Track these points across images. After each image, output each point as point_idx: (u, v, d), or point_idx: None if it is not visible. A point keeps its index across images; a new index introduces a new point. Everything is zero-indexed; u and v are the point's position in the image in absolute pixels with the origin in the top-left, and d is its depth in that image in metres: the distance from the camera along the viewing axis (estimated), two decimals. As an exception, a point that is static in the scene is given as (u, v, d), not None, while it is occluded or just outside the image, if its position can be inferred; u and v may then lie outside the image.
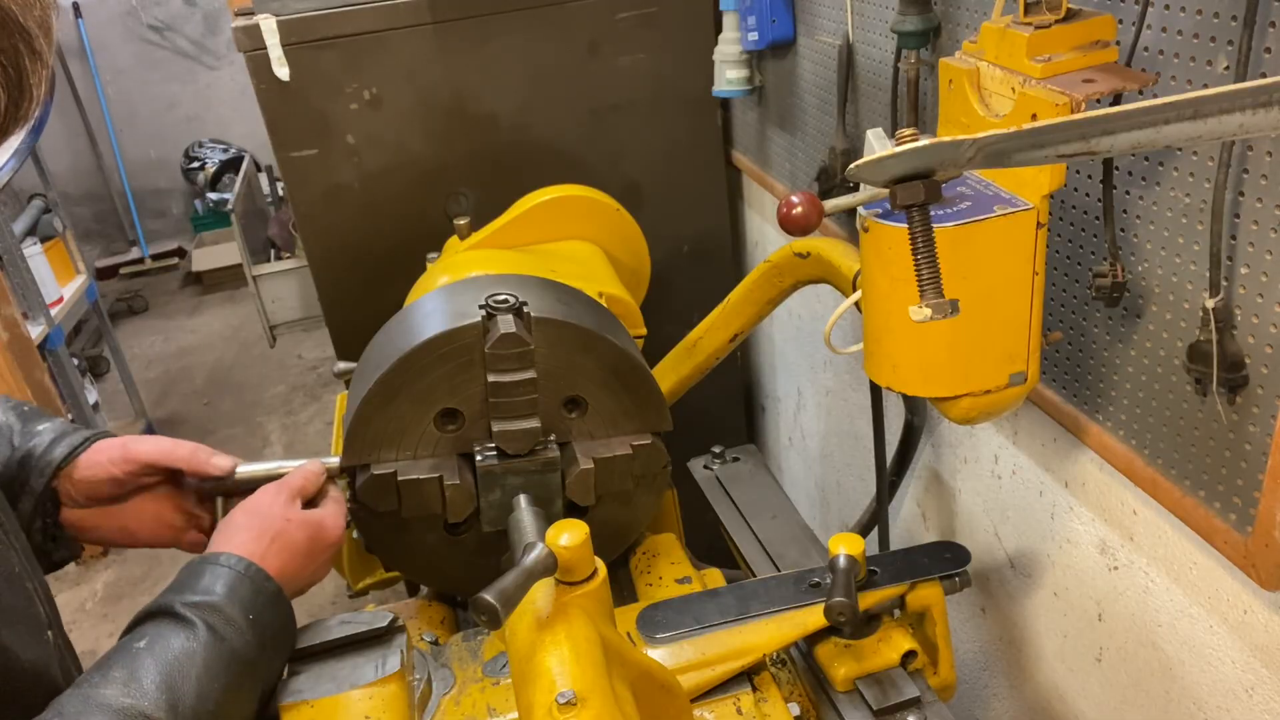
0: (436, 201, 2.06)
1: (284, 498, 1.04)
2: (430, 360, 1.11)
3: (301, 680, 1.02)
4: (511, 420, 1.13)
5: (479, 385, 1.13)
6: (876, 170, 0.79)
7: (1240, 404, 0.95)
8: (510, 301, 1.12)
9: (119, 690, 0.81)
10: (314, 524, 1.04)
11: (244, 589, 0.93)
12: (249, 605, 0.92)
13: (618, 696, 0.81)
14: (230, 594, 0.92)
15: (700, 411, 1.79)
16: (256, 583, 0.94)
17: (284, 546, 0.99)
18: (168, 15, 6.04)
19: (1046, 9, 0.96)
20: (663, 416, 1.22)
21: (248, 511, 1.02)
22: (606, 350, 1.16)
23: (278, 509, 1.03)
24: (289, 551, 1.00)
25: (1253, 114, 0.54)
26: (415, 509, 1.16)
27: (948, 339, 1.05)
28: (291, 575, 0.99)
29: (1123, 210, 1.05)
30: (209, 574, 0.93)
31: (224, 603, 0.91)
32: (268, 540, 0.98)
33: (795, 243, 1.38)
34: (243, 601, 0.92)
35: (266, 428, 4.34)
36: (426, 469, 1.15)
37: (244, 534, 0.99)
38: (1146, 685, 1.23)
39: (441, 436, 1.16)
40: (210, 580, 0.92)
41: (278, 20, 1.85)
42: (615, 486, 1.21)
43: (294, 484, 1.07)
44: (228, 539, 0.98)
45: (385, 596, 2.17)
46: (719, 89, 1.94)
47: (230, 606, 0.91)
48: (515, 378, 1.11)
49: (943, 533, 1.69)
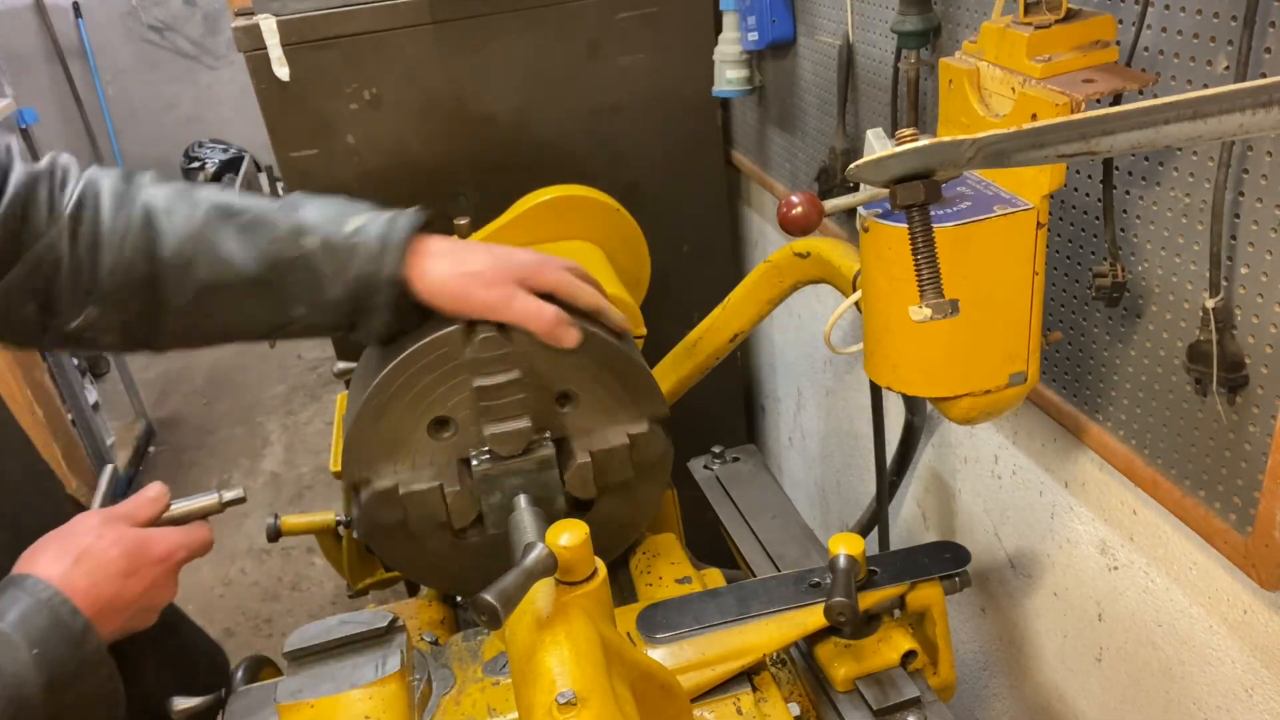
0: (436, 201, 2.06)
1: (98, 518, 0.95)
2: (415, 371, 1.11)
3: (301, 680, 1.02)
4: (502, 422, 1.13)
5: (467, 390, 1.13)
6: (876, 170, 0.79)
7: (1240, 404, 0.95)
8: None
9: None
10: (132, 539, 0.94)
11: (39, 619, 0.83)
12: (38, 638, 0.82)
13: (618, 696, 0.81)
14: (21, 622, 0.82)
15: (700, 411, 1.79)
16: (58, 614, 0.84)
17: (95, 566, 0.89)
18: (168, 15, 6.04)
19: (1046, 9, 0.96)
20: (658, 402, 1.21)
21: (55, 533, 0.93)
22: (589, 341, 1.16)
23: (89, 526, 0.93)
24: (101, 572, 0.89)
25: (1253, 114, 0.54)
26: (420, 519, 1.16)
27: (948, 339, 1.05)
28: (107, 598, 0.89)
29: (1123, 210, 1.05)
30: (6, 596, 0.84)
31: (10, 628, 0.82)
32: (71, 559, 0.88)
33: (795, 243, 1.38)
34: (31, 633, 0.82)
35: (266, 428, 4.34)
36: (426, 478, 1.15)
37: (46, 554, 0.89)
38: (1146, 685, 1.23)
39: (438, 445, 1.16)
40: (6, 603, 0.84)
41: (278, 20, 1.85)
42: (616, 477, 1.20)
43: (120, 509, 0.99)
44: (31, 560, 0.89)
45: (385, 596, 2.17)
46: (719, 89, 1.94)
47: (17, 634, 0.81)
48: (500, 380, 1.11)
49: (943, 533, 1.69)
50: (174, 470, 4.08)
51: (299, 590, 3.25)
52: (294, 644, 1.06)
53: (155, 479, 1.12)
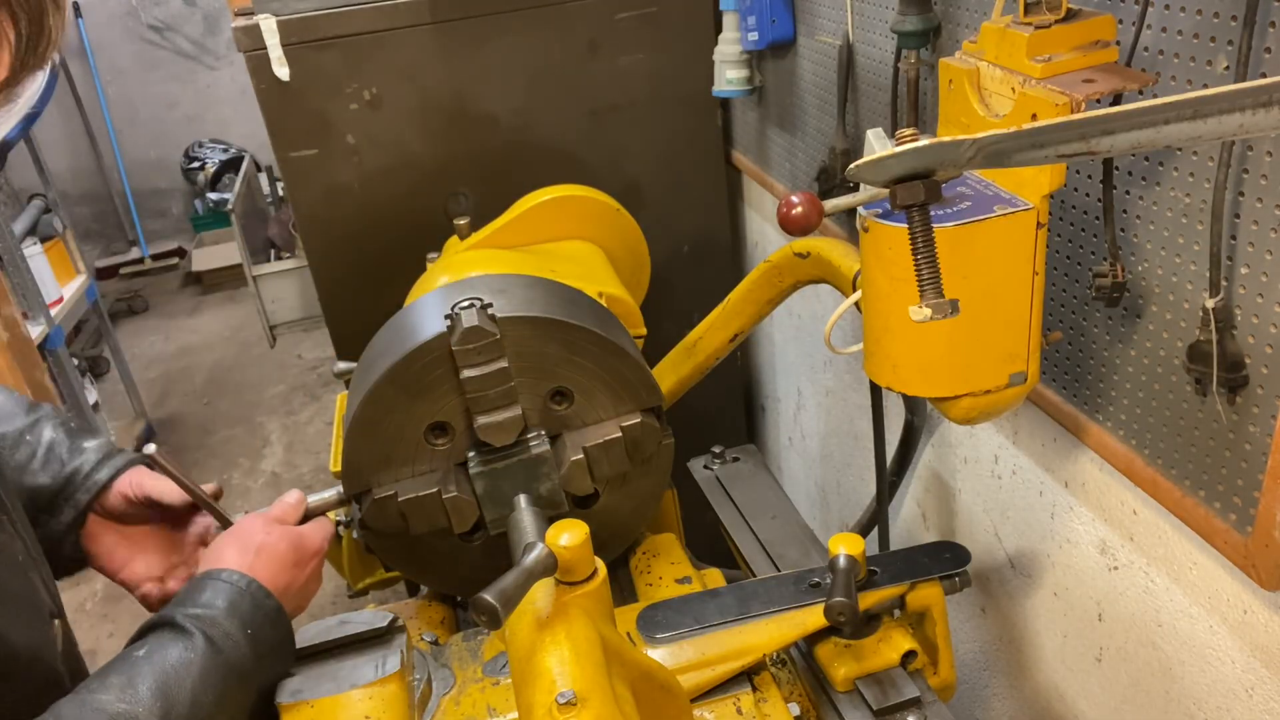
0: (436, 201, 2.06)
1: (261, 520, 1.09)
2: (407, 379, 1.12)
3: (301, 680, 1.02)
4: (492, 413, 1.13)
5: (460, 395, 1.13)
6: (876, 170, 0.79)
7: (1240, 404, 0.95)
8: (475, 305, 1.13)
9: (115, 695, 0.83)
10: (294, 534, 1.08)
11: (244, 604, 0.96)
12: (248, 620, 0.96)
13: (618, 696, 0.81)
14: (230, 608, 0.95)
15: (700, 411, 1.80)
16: (256, 599, 0.97)
17: (271, 558, 1.02)
18: (168, 15, 6.04)
19: (1046, 9, 0.96)
20: (652, 392, 1.21)
21: (229, 534, 1.06)
22: (581, 337, 1.15)
23: (257, 526, 1.07)
24: (276, 562, 1.03)
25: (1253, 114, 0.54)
26: (421, 525, 1.16)
27: (948, 339, 1.05)
28: (283, 585, 1.02)
29: (1123, 210, 1.05)
30: (210, 589, 0.96)
31: (223, 616, 0.94)
32: (252, 554, 1.02)
33: (795, 243, 1.38)
34: (242, 616, 0.95)
35: (266, 428, 4.34)
36: (425, 485, 1.15)
37: (230, 551, 1.02)
38: (1146, 685, 1.23)
39: (435, 451, 1.16)
40: (211, 595, 0.96)
41: (278, 20, 1.85)
42: (613, 470, 1.20)
43: (272, 514, 1.12)
44: (217, 558, 1.02)
45: (385, 596, 2.17)
46: (719, 89, 1.94)
47: (229, 620, 0.94)
48: (487, 370, 1.11)
49: (943, 533, 1.69)
50: (174, 470, 4.07)
51: (299, 590, 3.25)
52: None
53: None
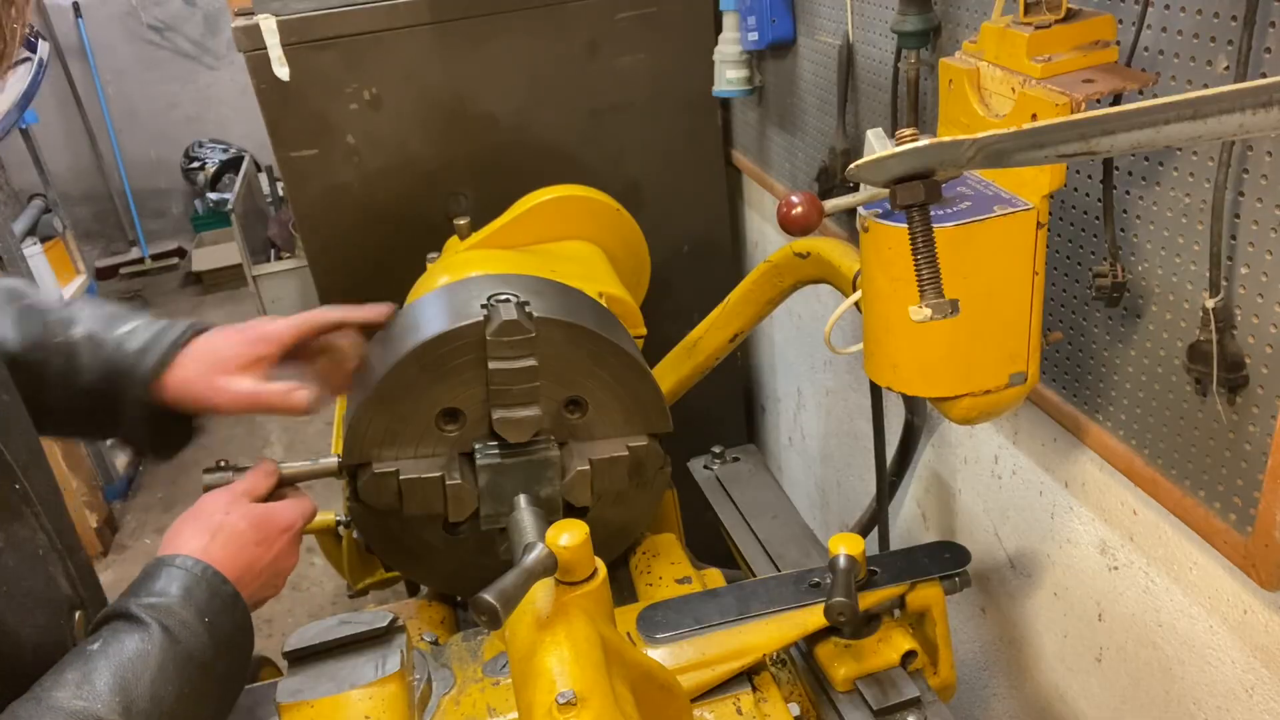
0: (436, 201, 2.06)
1: (225, 497, 1.04)
2: (432, 360, 1.12)
3: (301, 680, 1.02)
4: (513, 408, 1.13)
5: (480, 385, 1.13)
6: (876, 170, 0.79)
7: (1240, 404, 0.95)
8: (512, 300, 1.13)
9: (71, 693, 0.80)
10: (257, 512, 1.03)
11: (199, 591, 0.92)
12: (204, 607, 0.91)
13: (618, 696, 0.81)
14: (186, 596, 0.91)
15: (700, 411, 1.79)
16: (213, 585, 0.93)
17: (229, 538, 0.98)
18: (168, 15, 6.04)
19: (1046, 9, 0.96)
20: (663, 418, 1.22)
21: (188, 515, 1.02)
22: (608, 351, 1.16)
23: (217, 505, 1.02)
24: (235, 542, 0.98)
25: (1253, 114, 0.54)
26: (416, 508, 1.16)
27: (948, 339, 1.05)
28: (243, 566, 0.98)
29: (1123, 210, 1.05)
30: (164, 576, 0.92)
31: (179, 604, 0.90)
32: (208, 536, 0.97)
33: (795, 243, 1.38)
34: (198, 603, 0.91)
35: (266, 428, 4.33)
36: (428, 468, 1.15)
37: (185, 533, 0.98)
38: (1146, 685, 1.23)
39: (443, 436, 1.16)
40: (165, 582, 0.91)
41: (278, 20, 1.85)
42: (612, 487, 1.21)
43: (239, 486, 1.07)
44: (174, 542, 0.98)
45: (385, 596, 2.17)
46: (719, 89, 1.94)
47: (185, 608, 0.90)
48: (516, 365, 1.12)
49: (943, 533, 1.69)
50: (174, 470, 4.07)
51: (299, 590, 3.24)
52: (294, 644, 1.06)
53: (155, 479, 1.14)
